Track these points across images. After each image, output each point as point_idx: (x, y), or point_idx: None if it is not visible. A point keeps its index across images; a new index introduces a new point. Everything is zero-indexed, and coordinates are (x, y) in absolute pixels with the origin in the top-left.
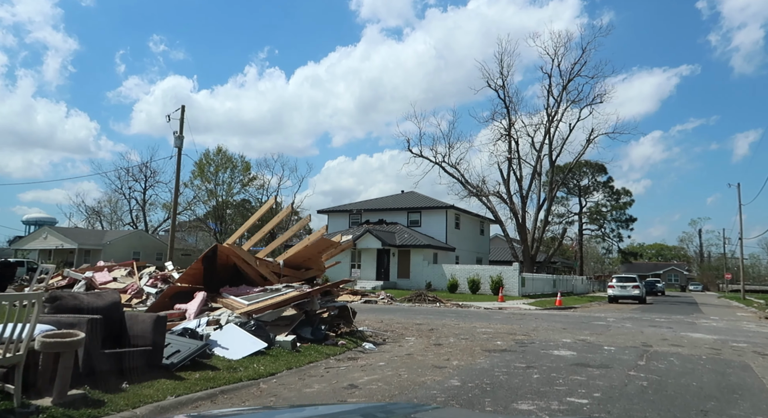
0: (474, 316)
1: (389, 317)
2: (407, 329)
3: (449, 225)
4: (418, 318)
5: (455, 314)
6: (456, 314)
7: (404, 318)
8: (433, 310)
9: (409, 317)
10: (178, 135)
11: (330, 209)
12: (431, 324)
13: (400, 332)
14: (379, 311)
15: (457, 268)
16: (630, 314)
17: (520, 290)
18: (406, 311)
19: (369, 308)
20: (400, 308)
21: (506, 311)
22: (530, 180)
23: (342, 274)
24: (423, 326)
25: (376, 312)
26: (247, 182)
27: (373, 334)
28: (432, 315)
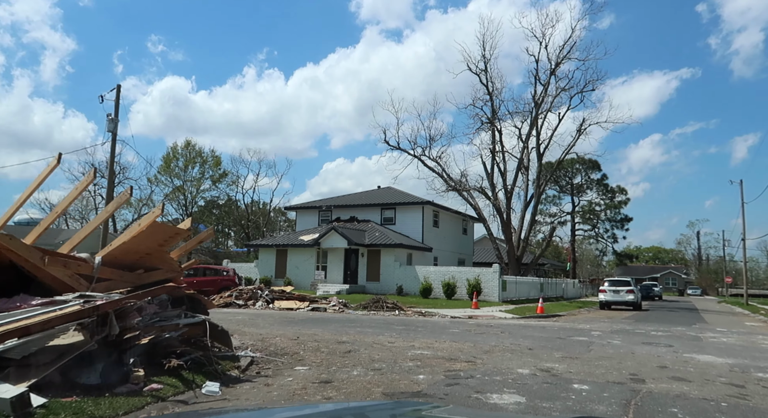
0: (426, 329)
1: (312, 332)
2: (315, 352)
3: (426, 223)
4: (350, 332)
5: (405, 326)
6: (407, 326)
7: (332, 333)
8: (384, 320)
9: (341, 330)
10: (112, 118)
11: (298, 206)
12: (357, 342)
13: (299, 357)
14: (310, 323)
15: (431, 270)
16: (621, 325)
17: (501, 295)
18: (348, 321)
19: (307, 318)
20: (343, 319)
21: (474, 320)
22: (515, 174)
23: (307, 277)
24: (343, 345)
25: (304, 324)
26: (217, 179)
27: (254, 360)
28: (374, 328)
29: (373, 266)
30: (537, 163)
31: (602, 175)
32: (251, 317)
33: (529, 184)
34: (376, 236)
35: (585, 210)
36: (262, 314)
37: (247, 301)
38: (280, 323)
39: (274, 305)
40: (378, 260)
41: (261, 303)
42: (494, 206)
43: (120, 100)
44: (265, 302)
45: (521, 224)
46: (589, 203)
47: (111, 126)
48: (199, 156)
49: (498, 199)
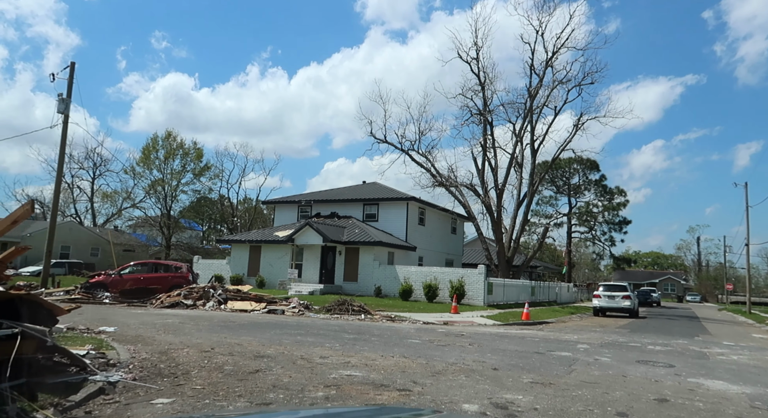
0: (382, 338)
1: (237, 341)
2: (212, 371)
3: (411, 220)
4: (285, 342)
5: (359, 334)
6: (361, 334)
7: (262, 342)
8: (340, 326)
9: (276, 339)
10: (63, 98)
11: (276, 200)
12: (280, 357)
13: (181, 381)
14: (249, 329)
15: (412, 270)
16: (614, 336)
17: (486, 299)
18: (296, 327)
19: (252, 322)
20: (294, 324)
21: (446, 328)
22: (507, 171)
23: (282, 276)
24: (258, 362)
25: (239, 330)
26: (199, 172)
27: (103, 389)
28: (319, 336)
29: (351, 265)
30: (531, 160)
31: (601, 175)
32: (185, 320)
33: (522, 183)
34: (356, 233)
35: (582, 212)
36: (203, 316)
37: (197, 301)
38: (211, 329)
39: (227, 305)
40: (356, 258)
41: (212, 304)
42: (484, 204)
43: (74, 79)
44: (217, 303)
45: (513, 224)
46: (586, 205)
47: (62, 107)
48: (180, 148)
49: (489, 196)
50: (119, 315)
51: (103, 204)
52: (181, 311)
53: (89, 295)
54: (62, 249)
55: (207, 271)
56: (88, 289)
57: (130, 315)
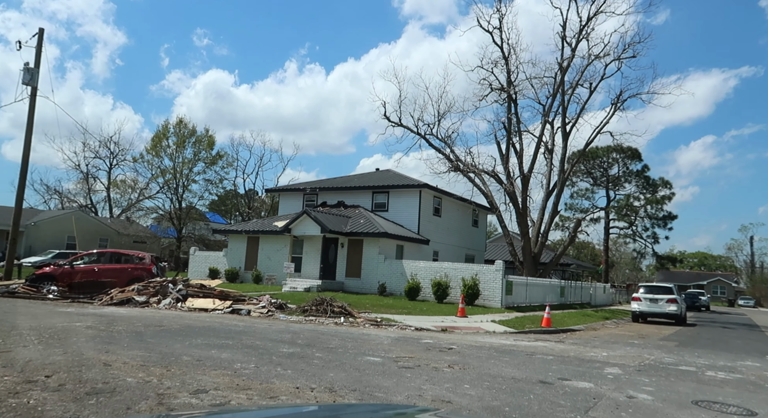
0: (336, 352)
1: (112, 359)
2: None
3: (424, 210)
4: (180, 362)
5: (309, 346)
6: (311, 346)
7: (147, 362)
8: (297, 334)
9: (174, 356)
10: (29, 67)
11: (281, 188)
12: (143, 390)
13: None
14: (163, 338)
15: (420, 266)
16: (657, 353)
17: (504, 300)
18: (236, 335)
19: (185, 326)
20: (242, 330)
21: (437, 338)
22: (534, 156)
23: (281, 269)
24: (86, 403)
25: (149, 340)
26: (211, 161)
27: None
28: (246, 351)
29: (354, 259)
30: (562, 145)
31: (643, 166)
32: (100, 323)
33: (552, 170)
34: (360, 224)
35: (621, 205)
36: (137, 317)
37: (153, 297)
38: (111, 339)
39: (185, 303)
40: (360, 252)
41: (169, 301)
42: (507, 193)
43: (42, 48)
44: (175, 300)
45: (541, 216)
46: (626, 198)
47: (27, 77)
48: (192, 135)
49: (513, 185)
50: (27, 315)
51: (123, 194)
52: (121, 310)
53: (34, 288)
54: (68, 239)
55: (203, 264)
56: (35, 281)
57: (43, 315)
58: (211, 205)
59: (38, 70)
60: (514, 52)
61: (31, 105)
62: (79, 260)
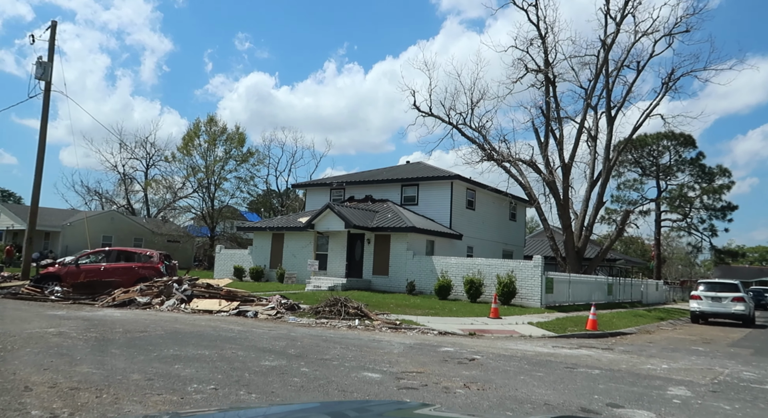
0: (329, 367)
1: (37, 381)
2: None
3: (456, 203)
4: (120, 384)
5: (300, 357)
6: (303, 357)
7: (82, 383)
8: (294, 341)
9: (126, 373)
10: (42, 61)
11: (307, 183)
12: None
13: None
14: (134, 348)
15: (451, 262)
16: (731, 364)
17: (544, 299)
18: (221, 342)
19: (172, 331)
20: (233, 336)
21: (460, 344)
22: (575, 143)
23: (306, 267)
24: None
25: (99, 353)
26: (242, 158)
27: None
28: (218, 366)
29: (381, 255)
30: (607, 130)
31: (698, 153)
32: (77, 328)
33: (596, 159)
34: (388, 218)
35: (674, 196)
36: (129, 320)
37: (156, 298)
38: (72, 349)
39: (190, 305)
40: (387, 248)
41: (173, 302)
42: (547, 183)
43: (55, 41)
44: (179, 301)
45: (584, 208)
46: (679, 188)
47: (40, 71)
48: (223, 132)
49: (553, 174)
50: (6, 319)
51: (156, 193)
52: (115, 313)
53: (38, 289)
54: (104, 239)
55: (229, 262)
56: (39, 282)
57: (24, 318)
58: (251, 204)
59: (51, 64)
60: (551, 30)
61: (45, 99)
62: (84, 259)
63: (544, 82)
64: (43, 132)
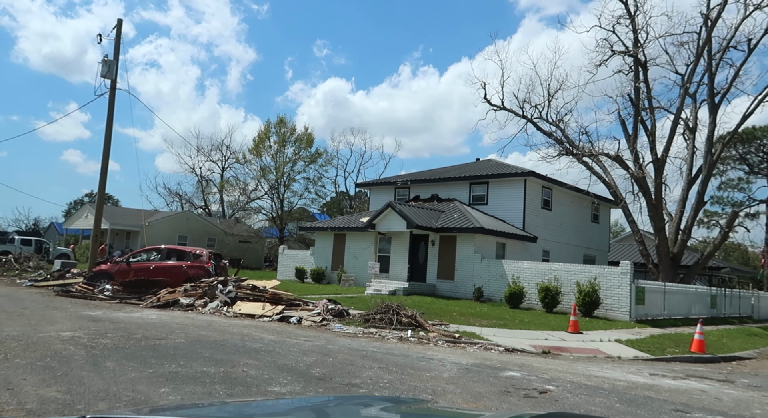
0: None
1: None
2: None
3: (530, 202)
4: None
5: (324, 380)
6: (328, 379)
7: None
8: (326, 353)
9: (99, 395)
10: (108, 60)
11: (371, 182)
12: None
13: None
14: (133, 361)
15: (524, 267)
16: None
17: (634, 311)
18: (244, 355)
19: (193, 340)
20: (262, 347)
21: (531, 366)
22: (670, 135)
23: (366, 270)
24: None
25: (105, 363)
26: (310, 159)
27: None
28: (204, 395)
29: (447, 258)
30: (710, 120)
31: None
32: (96, 333)
33: (695, 153)
34: (454, 218)
35: None
36: (154, 324)
37: (199, 299)
38: (66, 359)
39: (233, 307)
40: (453, 250)
41: (216, 304)
42: (635, 180)
43: (120, 40)
44: (223, 304)
45: (681, 209)
46: None
47: (105, 69)
48: (292, 133)
49: (643, 170)
50: (39, 318)
51: (229, 194)
52: (151, 316)
53: (91, 287)
54: (179, 238)
55: (291, 263)
56: (92, 279)
57: (56, 318)
58: (323, 206)
59: (116, 62)
60: (641, 7)
61: (110, 98)
62: (136, 257)
63: (633, 66)
64: (108, 130)
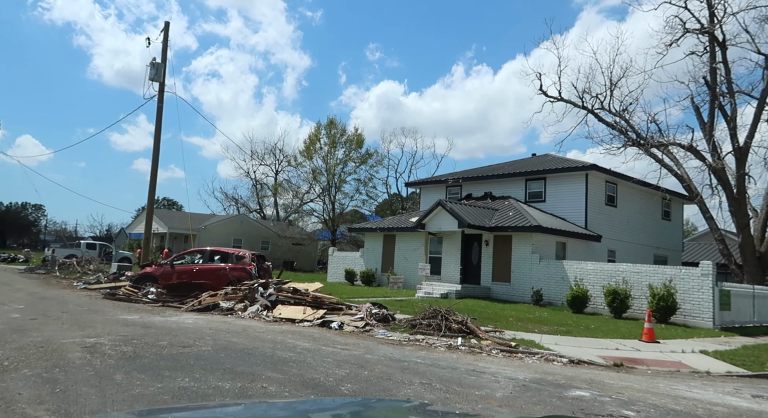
0: None
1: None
2: None
3: (593, 198)
4: None
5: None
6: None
7: None
8: (363, 364)
9: None
10: (156, 62)
11: (421, 181)
12: None
13: None
14: (139, 375)
15: (588, 268)
16: None
17: (718, 317)
18: (219, 368)
19: (221, 348)
20: (250, 353)
21: (604, 385)
22: (753, 122)
23: (417, 271)
24: None
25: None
26: (360, 160)
27: None
28: None
29: (502, 259)
30: None
31: None
32: (120, 341)
33: None
34: (509, 217)
35: None
36: (187, 330)
37: (239, 302)
38: (66, 370)
39: (273, 312)
40: (509, 250)
41: (256, 308)
42: (713, 172)
43: (168, 42)
44: (263, 307)
45: (767, 204)
46: None
47: (153, 72)
48: (342, 134)
49: (722, 162)
50: (71, 323)
51: (281, 197)
52: (187, 320)
53: (136, 289)
54: (234, 241)
55: (340, 265)
56: (137, 282)
57: (89, 322)
58: (376, 208)
59: (164, 65)
60: None
61: (159, 100)
62: (180, 259)
63: (709, 44)
64: (157, 133)
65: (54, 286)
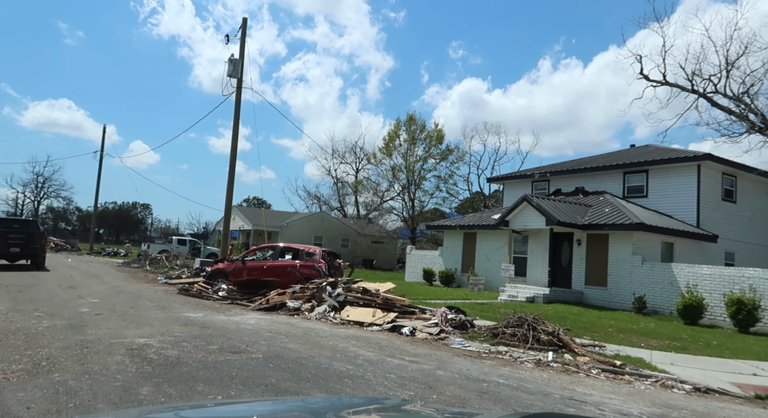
0: None
1: None
2: None
3: (706, 193)
4: None
5: None
6: None
7: None
8: (429, 398)
9: None
10: (233, 58)
11: (505, 176)
12: None
13: None
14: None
15: (703, 272)
16: None
17: None
18: (261, 383)
19: (292, 360)
20: (303, 363)
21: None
22: None
23: (500, 270)
24: None
25: None
26: (441, 157)
27: None
28: None
29: (597, 260)
30: None
31: None
32: (169, 343)
33: None
34: (605, 213)
35: None
36: (247, 331)
37: (307, 302)
38: (84, 383)
39: (341, 313)
40: (605, 251)
41: (324, 309)
42: None
43: (245, 39)
44: (331, 308)
45: None
46: None
47: (231, 69)
48: (422, 130)
49: None
50: (132, 320)
51: (360, 194)
52: (249, 320)
53: (209, 286)
54: (315, 239)
55: (419, 264)
56: (210, 278)
57: (148, 319)
58: (458, 206)
59: (242, 61)
60: None
61: (237, 96)
62: (251, 256)
63: None
64: (235, 128)
65: (140, 280)
